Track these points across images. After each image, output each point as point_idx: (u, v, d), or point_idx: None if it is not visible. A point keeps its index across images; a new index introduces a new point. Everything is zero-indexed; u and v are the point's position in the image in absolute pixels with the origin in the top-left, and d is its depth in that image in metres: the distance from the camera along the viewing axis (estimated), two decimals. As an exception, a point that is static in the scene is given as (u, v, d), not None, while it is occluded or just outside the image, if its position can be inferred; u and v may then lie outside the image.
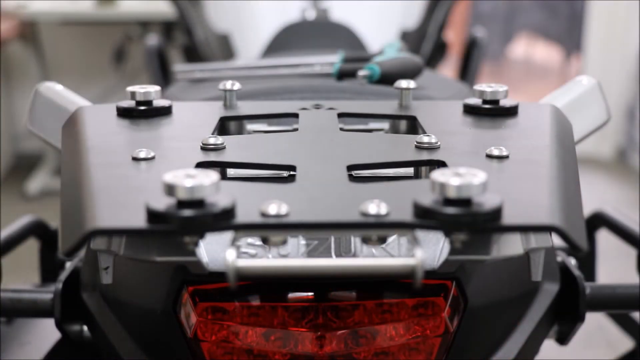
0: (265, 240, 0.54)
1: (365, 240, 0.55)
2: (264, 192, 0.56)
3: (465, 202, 0.51)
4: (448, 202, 0.51)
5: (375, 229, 0.53)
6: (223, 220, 0.51)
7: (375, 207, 0.52)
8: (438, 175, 0.52)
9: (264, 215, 0.52)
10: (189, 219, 0.51)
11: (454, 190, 0.51)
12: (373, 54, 1.08)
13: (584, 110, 0.83)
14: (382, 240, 0.55)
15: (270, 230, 0.52)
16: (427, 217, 0.51)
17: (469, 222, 0.51)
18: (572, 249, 0.53)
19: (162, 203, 0.52)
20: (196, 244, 0.54)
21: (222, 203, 0.52)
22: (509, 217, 0.52)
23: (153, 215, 0.51)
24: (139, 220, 0.51)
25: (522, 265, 0.66)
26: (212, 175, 0.52)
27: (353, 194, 0.56)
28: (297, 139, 0.71)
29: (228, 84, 0.80)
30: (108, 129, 0.73)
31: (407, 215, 0.52)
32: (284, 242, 0.54)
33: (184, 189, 0.50)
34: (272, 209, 0.52)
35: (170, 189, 0.51)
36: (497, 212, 0.51)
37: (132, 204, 0.54)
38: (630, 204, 3.11)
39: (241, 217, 0.52)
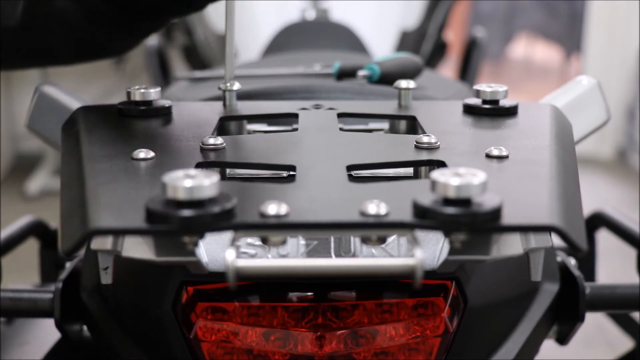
0: (264, 241, 0.54)
1: (365, 240, 0.55)
2: (264, 192, 0.56)
3: (464, 202, 0.51)
4: (447, 202, 0.51)
5: (374, 229, 0.53)
6: (222, 220, 0.51)
7: (375, 207, 0.52)
8: (438, 175, 0.52)
9: (263, 215, 0.52)
10: (189, 219, 0.51)
11: (454, 190, 0.51)
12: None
13: (583, 110, 0.83)
14: (382, 240, 0.55)
15: (270, 230, 0.52)
16: (426, 217, 0.51)
17: (469, 222, 0.51)
18: (571, 249, 0.53)
19: (161, 203, 0.52)
20: (196, 244, 0.54)
21: (221, 203, 0.52)
22: (508, 217, 0.52)
23: (152, 216, 0.51)
24: (138, 221, 0.51)
25: (522, 266, 0.66)
26: (212, 176, 0.52)
27: (353, 194, 0.56)
28: (297, 139, 0.71)
29: (228, 84, 0.80)
30: (108, 129, 0.73)
31: (406, 215, 0.52)
32: (284, 242, 0.54)
33: (183, 189, 0.51)
34: (272, 209, 0.52)
35: (169, 190, 0.51)
36: (496, 212, 0.51)
37: (132, 204, 0.54)
38: (630, 204, 3.11)
39: (241, 217, 0.52)
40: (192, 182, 0.51)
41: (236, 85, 0.80)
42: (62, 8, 0.86)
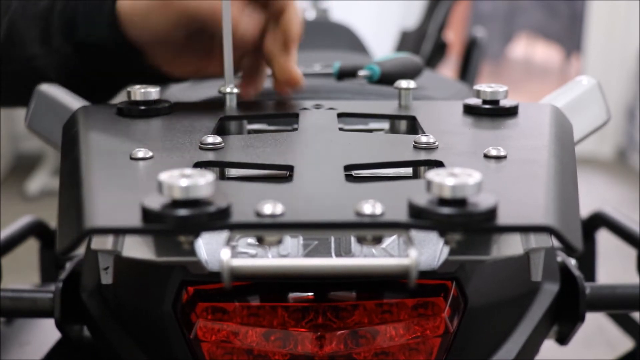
0: (260, 240, 0.54)
1: (360, 240, 0.55)
2: (260, 191, 0.56)
3: (460, 202, 0.51)
4: (443, 202, 0.51)
5: (369, 229, 0.53)
6: (218, 219, 0.51)
7: (370, 207, 0.52)
8: (433, 175, 0.52)
9: (259, 214, 0.52)
10: (184, 219, 0.51)
11: (449, 190, 0.51)
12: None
13: (583, 110, 0.83)
14: (378, 240, 0.55)
15: (265, 229, 0.52)
16: (421, 217, 0.51)
17: (464, 222, 0.51)
18: (567, 249, 0.53)
19: (157, 202, 0.52)
20: (191, 244, 0.54)
21: (217, 203, 0.52)
22: (503, 217, 0.51)
23: (148, 215, 0.51)
24: (134, 220, 0.51)
25: (522, 266, 0.66)
26: (207, 175, 0.52)
27: (349, 193, 0.56)
28: (296, 139, 0.71)
29: (228, 88, 0.80)
30: (108, 129, 0.73)
31: (402, 215, 0.52)
32: (279, 242, 0.54)
33: (178, 188, 0.50)
34: (267, 208, 0.52)
35: (165, 189, 0.51)
36: (491, 212, 0.51)
37: (129, 204, 0.54)
38: (630, 204, 3.11)
39: (236, 216, 0.52)
40: (187, 181, 0.51)
41: (236, 89, 0.80)
42: (34, 54, 0.88)
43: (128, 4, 0.83)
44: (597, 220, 1.08)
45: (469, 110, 0.78)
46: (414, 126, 0.78)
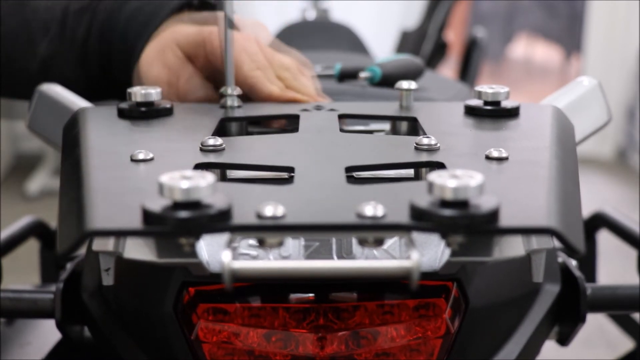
0: (261, 242, 0.54)
1: (362, 242, 0.55)
2: (261, 193, 0.56)
3: (461, 204, 0.51)
4: (445, 204, 0.51)
5: (371, 231, 0.53)
6: (219, 221, 0.51)
7: (372, 209, 0.52)
8: (435, 177, 0.52)
9: (260, 216, 0.51)
10: (185, 221, 0.50)
11: (451, 192, 0.50)
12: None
13: (585, 111, 0.83)
14: (379, 242, 0.54)
15: (266, 231, 0.52)
16: (423, 219, 0.51)
17: (466, 224, 0.51)
18: (569, 251, 0.53)
19: (158, 204, 0.51)
20: (193, 246, 0.54)
21: (218, 204, 0.51)
22: (505, 219, 0.51)
23: (149, 217, 0.51)
24: (135, 222, 0.51)
25: (523, 267, 0.66)
26: (208, 177, 0.52)
27: (350, 195, 0.56)
28: (297, 140, 0.71)
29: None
30: (108, 130, 0.73)
31: (403, 217, 0.52)
32: (281, 244, 0.54)
33: (179, 190, 0.50)
34: (269, 210, 0.52)
35: (166, 190, 0.51)
36: (493, 214, 0.51)
37: (129, 206, 0.54)
38: (630, 204, 3.11)
39: (237, 218, 0.52)
40: (188, 183, 0.51)
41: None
42: (71, 76, 0.94)
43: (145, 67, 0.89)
44: (598, 221, 1.08)
45: (470, 111, 0.78)
46: (415, 127, 0.78)
